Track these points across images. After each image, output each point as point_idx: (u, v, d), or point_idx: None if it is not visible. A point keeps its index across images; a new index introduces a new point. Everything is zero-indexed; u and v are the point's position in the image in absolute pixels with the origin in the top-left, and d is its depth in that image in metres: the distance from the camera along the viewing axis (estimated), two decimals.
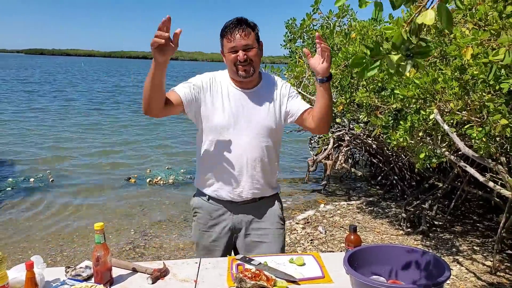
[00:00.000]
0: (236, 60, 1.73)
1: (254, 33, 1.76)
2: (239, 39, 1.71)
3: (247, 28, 1.73)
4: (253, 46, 1.73)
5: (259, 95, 1.82)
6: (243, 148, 1.77)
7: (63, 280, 1.46)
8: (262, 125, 1.78)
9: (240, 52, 1.72)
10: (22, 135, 9.08)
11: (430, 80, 2.41)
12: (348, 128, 4.61)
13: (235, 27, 1.71)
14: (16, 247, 3.85)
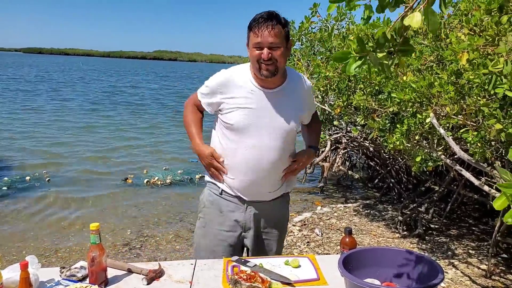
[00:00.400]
0: (259, 58, 1.64)
1: (284, 31, 1.66)
2: (267, 35, 1.61)
3: (278, 24, 1.63)
4: (280, 45, 1.64)
5: (282, 96, 1.75)
6: (262, 149, 1.72)
7: (58, 281, 1.46)
8: (282, 127, 1.73)
9: (265, 50, 1.63)
10: (18, 134, 9.05)
11: (426, 84, 2.43)
12: (345, 130, 4.63)
13: (264, 21, 1.61)
14: (11, 247, 3.84)
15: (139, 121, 12.00)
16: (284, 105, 1.74)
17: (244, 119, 1.71)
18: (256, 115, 1.71)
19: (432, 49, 2.89)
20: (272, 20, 1.62)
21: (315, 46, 4.56)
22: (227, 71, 1.78)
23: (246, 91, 1.72)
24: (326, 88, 3.71)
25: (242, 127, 1.71)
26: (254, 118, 1.71)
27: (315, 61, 3.93)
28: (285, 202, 1.93)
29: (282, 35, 1.64)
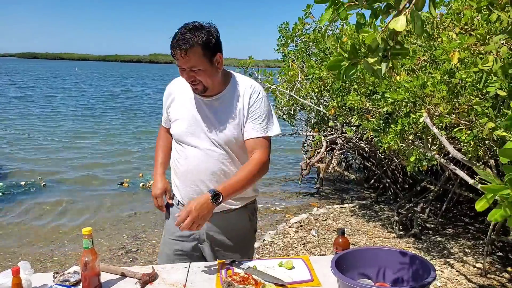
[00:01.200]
0: (184, 77, 1.59)
1: (200, 49, 1.51)
2: (183, 61, 1.52)
3: (192, 47, 1.49)
4: (200, 67, 1.53)
5: (220, 104, 1.66)
6: (200, 159, 1.66)
7: (50, 286, 1.45)
8: (220, 136, 1.64)
9: (185, 73, 1.57)
10: (12, 139, 9.00)
11: (419, 84, 2.44)
12: (340, 131, 4.64)
13: (177, 46, 1.50)
14: (6, 253, 3.81)
15: (133, 125, 11.97)
16: (222, 113, 1.65)
17: (183, 129, 1.69)
18: (195, 124, 1.67)
19: (425, 48, 2.90)
20: (184, 45, 1.49)
21: (309, 48, 4.58)
22: (170, 84, 1.81)
23: (185, 100, 1.71)
24: (320, 89, 3.72)
25: (182, 136, 1.70)
26: (193, 128, 1.68)
27: (309, 62, 3.94)
28: (244, 213, 1.80)
29: (200, 55, 1.52)
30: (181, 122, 1.70)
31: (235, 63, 5.38)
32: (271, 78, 4.42)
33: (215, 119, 1.66)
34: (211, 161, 1.66)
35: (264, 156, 1.64)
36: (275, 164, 7.35)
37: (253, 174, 1.60)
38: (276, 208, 5.08)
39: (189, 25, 1.54)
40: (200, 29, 1.53)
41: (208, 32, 1.54)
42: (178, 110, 1.73)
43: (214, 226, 1.75)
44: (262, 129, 1.65)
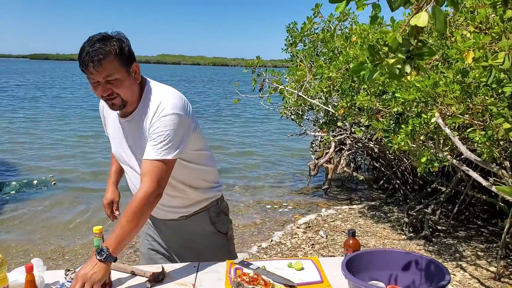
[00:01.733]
0: (99, 93, 1.45)
1: (114, 58, 1.41)
2: (97, 74, 1.40)
3: (104, 58, 1.38)
4: (115, 76, 1.42)
5: (134, 124, 1.56)
6: (137, 179, 1.59)
7: (62, 283, 1.46)
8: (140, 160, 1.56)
9: (100, 88, 1.43)
10: (23, 139, 9.11)
11: (431, 84, 2.40)
12: (349, 132, 4.60)
13: (86, 60, 1.38)
14: (18, 250, 3.85)
15: None
16: (138, 133, 1.55)
17: (116, 151, 1.68)
18: (122, 145, 1.63)
19: (437, 47, 2.86)
20: (97, 56, 1.37)
21: (317, 47, 4.55)
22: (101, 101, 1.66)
23: (112, 119, 1.67)
24: (329, 89, 3.69)
25: (118, 158, 1.71)
26: (121, 149, 1.64)
27: (318, 62, 3.91)
28: (203, 217, 1.72)
29: (116, 64, 1.41)
30: (113, 143, 1.69)
31: (242, 63, 5.37)
32: (279, 78, 4.40)
33: (135, 140, 1.58)
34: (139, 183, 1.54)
35: (150, 186, 1.43)
36: (282, 165, 7.33)
37: (138, 215, 1.42)
38: (283, 209, 5.06)
39: (96, 37, 1.42)
40: (109, 39, 1.42)
41: (118, 40, 1.44)
42: (109, 130, 1.72)
43: (170, 235, 1.76)
44: (155, 150, 1.44)
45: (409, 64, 0.78)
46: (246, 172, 6.81)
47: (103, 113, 1.74)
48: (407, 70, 0.79)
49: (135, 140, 1.57)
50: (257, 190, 5.88)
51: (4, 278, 1.29)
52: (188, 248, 1.75)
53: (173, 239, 1.77)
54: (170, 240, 1.78)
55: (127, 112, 1.56)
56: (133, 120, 1.55)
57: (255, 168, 7.12)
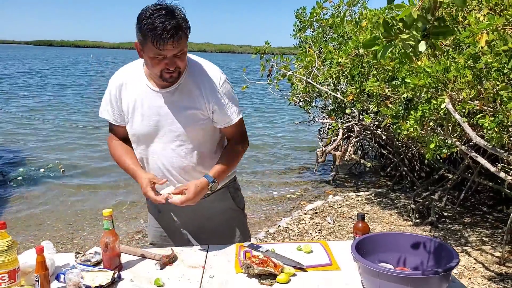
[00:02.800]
0: (163, 68, 1.46)
1: (184, 32, 1.43)
2: (172, 49, 1.41)
3: (181, 34, 1.41)
4: (184, 49, 1.46)
5: (178, 94, 1.55)
6: (168, 158, 1.60)
7: (73, 265, 1.49)
8: (182, 129, 1.56)
9: (166, 61, 1.44)
10: (31, 127, 9.18)
11: (442, 69, 2.37)
12: (357, 118, 4.57)
13: (165, 38, 1.37)
14: (27, 235, 3.92)
15: None
16: (180, 104, 1.55)
17: (142, 128, 1.59)
18: (154, 121, 1.57)
19: None
20: (178, 32, 1.39)
21: (327, 33, 4.49)
22: (120, 75, 1.63)
23: (140, 94, 1.57)
24: (338, 75, 3.66)
25: (142, 134, 1.60)
26: (151, 123, 1.57)
27: (327, 48, 3.87)
28: (226, 193, 1.77)
29: (185, 37, 1.44)
30: (141, 121, 1.58)
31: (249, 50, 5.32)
32: (288, 64, 4.36)
33: (174, 112, 1.55)
34: (178, 157, 1.60)
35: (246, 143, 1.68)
36: (290, 152, 7.33)
37: (239, 157, 1.65)
38: (291, 195, 5.08)
39: (161, 10, 1.39)
40: (175, 11, 1.42)
41: (181, 11, 1.44)
42: (134, 107, 1.58)
43: (188, 217, 1.74)
44: (236, 113, 1.61)
45: (424, 42, 0.76)
46: (253, 159, 6.82)
47: (121, 88, 1.60)
48: (422, 49, 0.78)
49: (180, 107, 1.55)
50: (265, 177, 5.90)
51: (14, 260, 1.31)
52: (205, 228, 1.76)
53: (191, 220, 1.75)
54: (187, 223, 1.77)
55: (166, 84, 1.53)
56: (179, 89, 1.55)
57: (263, 155, 7.13)
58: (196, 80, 1.56)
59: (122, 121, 1.66)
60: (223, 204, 1.77)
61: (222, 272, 1.45)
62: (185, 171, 1.63)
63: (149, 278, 1.41)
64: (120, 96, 1.61)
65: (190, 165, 1.62)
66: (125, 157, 1.67)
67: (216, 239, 1.71)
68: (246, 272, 1.38)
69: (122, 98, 1.61)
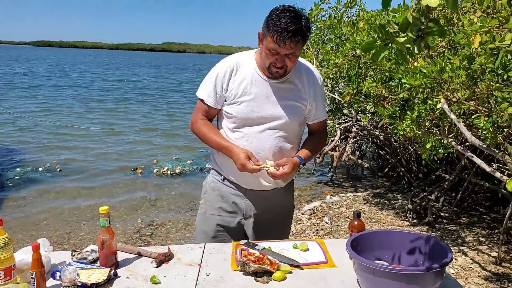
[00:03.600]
0: (273, 61, 1.60)
1: (303, 40, 1.57)
2: (288, 49, 1.55)
3: (300, 39, 1.54)
4: (296, 53, 1.59)
5: (285, 87, 1.70)
6: (262, 141, 1.71)
7: (69, 263, 1.49)
8: (284, 120, 1.70)
9: (277, 57, 1.58)
10: (28, 127, 9.17)
11: (437, 69, 2.39)
12: (355, 119, 4.59)
13: (290, 37, 1.51)
14: (24, 235, 3.92)
15: (147, 111, 12.06)
16: (286, 95, 1.70)
17: (246, 110, 1.69)
18: (258, 107, 1.68)
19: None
20: (297, 36, 1.52)
21: (324, 34, 4.51)
22: (231, 59, 1.73)
23: (249, 80, 1.68)
24: (335, 76, 3.67)
25: (243, 117, 1.70)
26: (255, 109, 1.68)
27: (325, 49, 3.89)
28: (289, 192, 1.90)
29: (302, 44, 1.58)
30: (245, 104, 1.68)
31: None
32: None
33: (278, 102, 1.70)
34: (270, 143, 1.72)
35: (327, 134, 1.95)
36: None
37: (321, 147, 1.89)
38: None
39: (291, 12, 1.52)
40: (302, 18, 1.54)
41: (307, 20, 1.57)
42: (241, 90, 1.69)
43: (260, 202, 1.81)
44: (325, 110, 1.85)
45: (418, 43, 0.78)
46: None
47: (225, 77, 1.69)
48: (417, 50, 0.79)
49: (285, 98, 1.71)
50: None
51: (10, 257, 1.31)
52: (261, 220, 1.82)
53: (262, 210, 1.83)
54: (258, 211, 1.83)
55: (273, 76, 1.67)
56: (286, 82, 1.71)
57: None
58: (302, 77, 1.73)
59: (220, 104, 1.75)
60: (285, 202, 1.89)
61: (218, 270, 1.45)
62: (273, 155, 1.74)
63: (145, 275, 1.42)
64: (228, 79, 1.71)
65: (278, 152, 1.74)
66: (218, 135, 1.76)
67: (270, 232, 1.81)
68: (242, 269, 1.39)
69: (230, 82, 1.71)
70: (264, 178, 1.75)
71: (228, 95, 1.71)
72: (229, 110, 1.72)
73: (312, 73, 1.76)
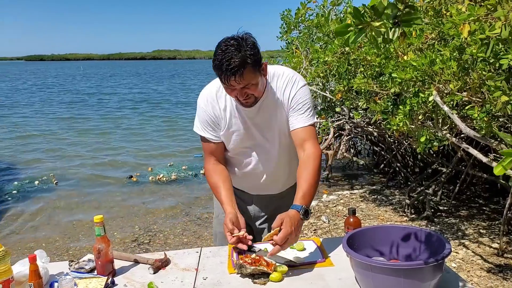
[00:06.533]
0: (234, 96, 1.53)
1: (252, 67, 1.44)
2: (237, 85, 1.46)
3: (244, 71, 1.42)
4: (252, 82, 1.48)
5: (266, 105, 1.62)
6: (262, 163, 1.72)
7: (67, 273, 1.46)
8: (276, 136, 1.67)
9: (236, 92, 1.50)
10: (22, 139, 9.11)
11: (428, 62, 2.38)
12: (348, 117, 4.59)
13: (228, 75, 1.41)
14: (23, 248, 3.87)
15: (139, 120, 12.02)
16: (272, 111, 1.63)
17: (240, 144, 1.68)
18: (251, 132, 1.66)
19: (433, 26, 2.83)
20: (239, 70, 1.40)
21: (313, 33, 4.51)
22: (206, 93, 1.66)
23: (230, 118, 1.64)
24: (326, 74, 3.66)
25: (242, 148, 1.70)
26: (250, 137, 1.67)
27: (314, 47, 3.88)
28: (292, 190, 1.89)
29: (252, 72, 1.45)
30: (235, 137, 1.67)
31: None
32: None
33: (266, 122, 1.65)
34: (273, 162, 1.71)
35: (317, 147, 1.61)
36: None
37: (319, 171, 1.57)
38: None
39: (229, 47, 1.41)
40: (242, 47, 1.42)
41: (252, 47, 1.44)
42: (229, 124, 1.66)
43: (268, 204, 1.84)
44: (307, 118, 1.61)
45: (395, 29, 0.76)
46: None
47: (213, 119, 1.65)
48: (394, 36, 0.78)
49: (270, 118, 1.64)
50: None
51: (8, 269, 1.29)
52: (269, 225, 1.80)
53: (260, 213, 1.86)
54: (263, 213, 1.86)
55: (249, 104, 1.58)
56: (264, 103, 1.61)
57: None
58: (273, 90, 1.62)
59: (219, 138, 1.70)
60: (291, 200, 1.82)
61: (215, 273, 1.43)
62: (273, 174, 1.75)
63: (143, 282, 1.40)
64: (213, 113, 1.65)
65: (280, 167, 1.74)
66: (221, 187, 1.66)
67: None
68: (239, 272, 1.37)
69: (216, 116, 1.65)
70: (267, 190, 1.81)
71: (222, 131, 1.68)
72: (228, 144, 1.72)
73: (286, 81, 1.62)
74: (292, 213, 1.43)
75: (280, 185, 1.83)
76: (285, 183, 1.83)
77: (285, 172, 1.79)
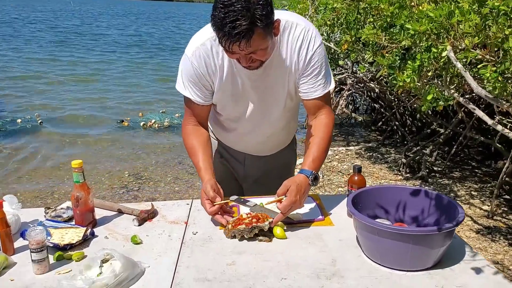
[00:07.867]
0: (235, 59, 1.29)
1: (262, 31, 1.16)
2: (240, 51, 1.19)
3: (252, 37, 1.15)
4: (260, 47, 1.21)
5: (276, 66, 1.37)
6: (256, 133, 1.56)
7: (41, 221, 1.35)
8: (281, 100, 1.45)
9: (242, 58, 1.24)
10: (7, 76, 8.75)
11: (445, 13, 2.18)
12: (351, 70, 4.39)
13: (233, 41, 1.15)
14: (4, 189, 3.76)
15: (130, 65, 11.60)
16: (272, 80, 1.40)
17: (229, 108, 1.48)
18: (250, 98, 1.44)
19: None
20: (245, 37, 1.14)
21: None
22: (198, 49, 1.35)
23: (228, 71, 1.37)
24: (332, 23, 3.42)
25: (237, 115, 1.50)
26: (247, 102, 1.45)
27: None
28: (290, 149, 1.79)
29: (262, 36, 1.18)
30: (230, 100, 1.44)
31: None
32: None
33: (270, 88, 1.42)
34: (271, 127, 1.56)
35: (332, 114, 1.48)
36: None
37: (331, 138, 1.47)
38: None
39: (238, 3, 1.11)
40: (253, 2, 1.13)
41: (263, 5, 1.14)
42: (223, 85, 1.41)
43: (260, 163, 1.69)
44: (323, 85, 1.40)
45: None
46: None
47: (204, 78, 1.39)
48: None
49: (276, 81, 1.40)
50: None
51: None
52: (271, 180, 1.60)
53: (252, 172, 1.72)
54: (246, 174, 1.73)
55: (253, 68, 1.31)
56: (270, 63, 1.35)
57: None
58: (285, 48, 1.35)
59: (210, 99, 1.45)
60: (287, 158, 1.76)
61: (206, 228, 1.34)
62: (270, 137, 1.60)
63: (126, 235, 1.30)
64: (206, 70, 1.37)
65: (277, 132, 1.60)
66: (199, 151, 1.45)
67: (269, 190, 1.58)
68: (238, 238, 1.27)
69: (209, 74, 1.38)
70: (262, 151, 1.67)
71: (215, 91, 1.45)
72: (216, 109, 1.53)
73: (301, 39, 1.34)
74: (300, 178, 1.33)
75: (275, 147, 1.69)
76: (280, 145, 1.71)
77: (281, 135, 1.65)
